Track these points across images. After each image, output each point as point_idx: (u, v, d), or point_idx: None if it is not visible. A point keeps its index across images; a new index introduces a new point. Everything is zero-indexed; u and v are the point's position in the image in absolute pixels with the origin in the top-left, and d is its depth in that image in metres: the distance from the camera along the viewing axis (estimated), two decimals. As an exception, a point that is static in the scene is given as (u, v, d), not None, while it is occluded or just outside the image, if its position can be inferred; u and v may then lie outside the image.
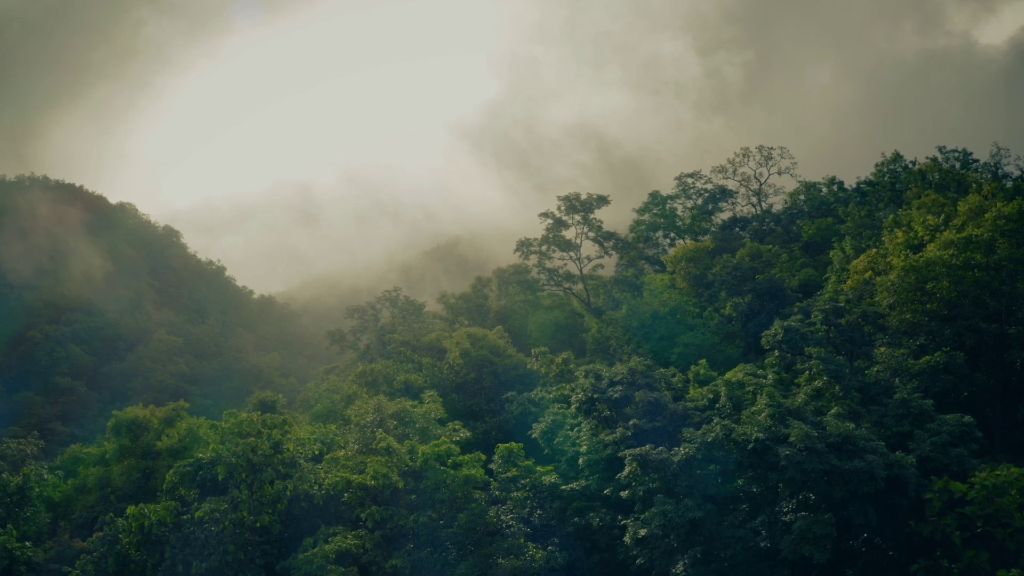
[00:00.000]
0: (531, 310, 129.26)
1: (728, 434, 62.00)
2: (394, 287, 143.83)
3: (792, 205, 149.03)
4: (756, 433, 61.44)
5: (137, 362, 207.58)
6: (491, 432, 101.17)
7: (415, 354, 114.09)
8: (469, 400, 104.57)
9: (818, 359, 72.07)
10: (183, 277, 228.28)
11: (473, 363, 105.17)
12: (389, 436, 75.64)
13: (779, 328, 73.79)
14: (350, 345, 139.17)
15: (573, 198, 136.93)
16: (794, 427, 60.85)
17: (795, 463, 59.51)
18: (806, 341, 74.19)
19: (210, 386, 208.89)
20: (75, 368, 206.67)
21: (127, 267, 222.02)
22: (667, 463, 62.64)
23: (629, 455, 63.65)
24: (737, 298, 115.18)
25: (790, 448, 59.98)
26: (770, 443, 61.25)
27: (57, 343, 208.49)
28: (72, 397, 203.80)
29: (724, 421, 63.67)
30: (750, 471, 62.89)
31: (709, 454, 62.72)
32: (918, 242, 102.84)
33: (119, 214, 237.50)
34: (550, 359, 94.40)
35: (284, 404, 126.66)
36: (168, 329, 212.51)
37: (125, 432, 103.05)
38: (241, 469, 75.60)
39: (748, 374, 72.90)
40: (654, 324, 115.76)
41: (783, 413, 63.53)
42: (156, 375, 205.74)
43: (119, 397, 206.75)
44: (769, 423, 62.70)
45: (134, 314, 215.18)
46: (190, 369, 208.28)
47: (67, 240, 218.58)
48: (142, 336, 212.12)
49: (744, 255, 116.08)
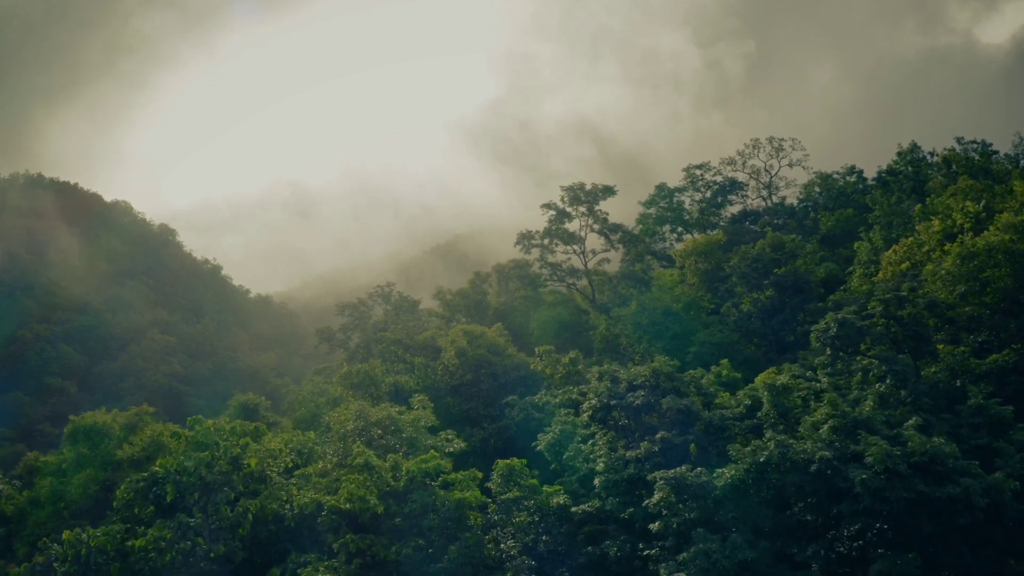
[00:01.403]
0: (533, 307, 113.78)
1: (785, 452, 46.67)
2: (387, 282, 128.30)
3: (807, 197, 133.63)
4: (820, 451, 46.17)
5: (129, 362, 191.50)
6: (490, 440, 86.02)
7: (407, 353, 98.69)
8: (466, 404, 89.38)
9: (878, 358, 56.91)
10: (178, 276, 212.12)
11: (470, 363, 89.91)
12: (368, 451, 60.20)
13: (832, 322, 58.32)
14: (340, 344, 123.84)
15: (577, 188, 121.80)
16: (871, 443, 45.57)
17: (873, 490, 44.30)
18: (862, 336, 58.85)
19: (204, 386, 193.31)
20: (66, 368, 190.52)
21: (121, 266, 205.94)
22: (708, 488, 47.26)
23: (661, 479, 48.01)
24: (757, 293, 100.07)
25: (866, 471, 44.73)
26: (838, 464, 46.05)
27: (48, 342, 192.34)
28: (62, 398, 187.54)
29: (779, 436, 48.19)
30: (811, 498, 47.51)
31: (761, 477, 47.28)
32: (957, 230, 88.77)
33: (114, 212, 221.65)
34: (556, 359, 79.10)
35: (268, 407, 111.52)
36: (161, 328, 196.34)
37: (83, 439, 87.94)
38: (193, 488, 60.25)
39: (795, 377, 57.37)
40: (666, 321, 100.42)
41: (850, 425, 48.24)
42: (149, 375, 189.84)
43: (111, 398, 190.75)
44: (833, 438, 47.46)
45: (127, 313, 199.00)
46: (183, 369, 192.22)
47: (60, 238, 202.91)
48: (135, 335, 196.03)
49: (765, 246, 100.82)
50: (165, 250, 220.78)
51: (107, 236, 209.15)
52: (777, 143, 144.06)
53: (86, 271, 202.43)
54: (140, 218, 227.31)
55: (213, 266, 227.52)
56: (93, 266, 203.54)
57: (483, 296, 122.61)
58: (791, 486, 46.91)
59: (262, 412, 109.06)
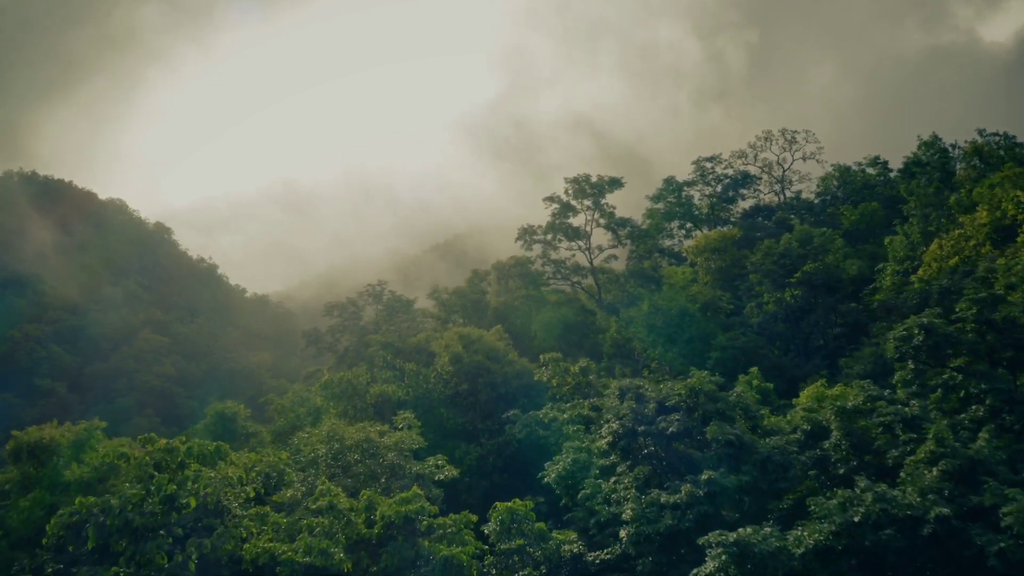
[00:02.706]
0: (535, 307, 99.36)
1: (886, 507, 32.48)
2: (379, 281, 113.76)
3: (825, 191, 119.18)
4: (936, 507, 32.05)
5: (121, 363, 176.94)
6: (488, 458, 71.88)
7: (397, 359, 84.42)
8: (461, 417, 75.17)
9: (974, 374, 42.77)
10: (173, 275, 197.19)
11: (466, 371, 75.67)
12: (335, 488, 45.83)
13: (917, 329, 43.98)
14: (328, 347, 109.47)
15: (582, 180, 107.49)
16: (1004, 496, 31.49)
17: (1014, 563, 30.22)
18: (950, 346, 44.66)
19: (197, 387, 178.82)
20: (57, 369, 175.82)
21: (115, 264, 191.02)
22: (783, 556, 32.99)
23: (719, 545, 33.52)
24: (781, 291, 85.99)
25: (1002, 536, 30.69)
26: (958, 524, 31.96)
27: (38, 343, 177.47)
28: (52, 400, 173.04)
29: (877, 485, 33.85)
30: (923, 569, 33.25)
31: (853, 542, 33.05)
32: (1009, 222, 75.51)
33: (108, 211, 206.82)
34: (564, 368, 64.72)
35: (248, 416, 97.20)
36: (155, 328, 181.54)
37: (27, 458, 73.71)
38: (117, 533, 45.91)
39: (869, 397, 43.13)
40: (682, 323, 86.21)
41: (966, 468, 34.10)
42: (140, 376, 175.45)
43: (102, 400, 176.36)
44: (947, 486, 33.37)
45: (120, 312, 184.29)
46: (176, 370, 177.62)
47: (52, 236, 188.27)
48: (128, 336, 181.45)
49: (792, 240, 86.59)
50: (160, 249, 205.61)
51: (101, 235, 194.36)
52: (790, 135, 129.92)
53: (78, 270, 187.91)
54: (135, 216, 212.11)
55: (209, 265, 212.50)
56: (86, 265, 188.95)
57: (482, 296, 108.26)
58: (893, 551, 32.77)
59: (241, 422, 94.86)
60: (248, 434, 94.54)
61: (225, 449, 63.15)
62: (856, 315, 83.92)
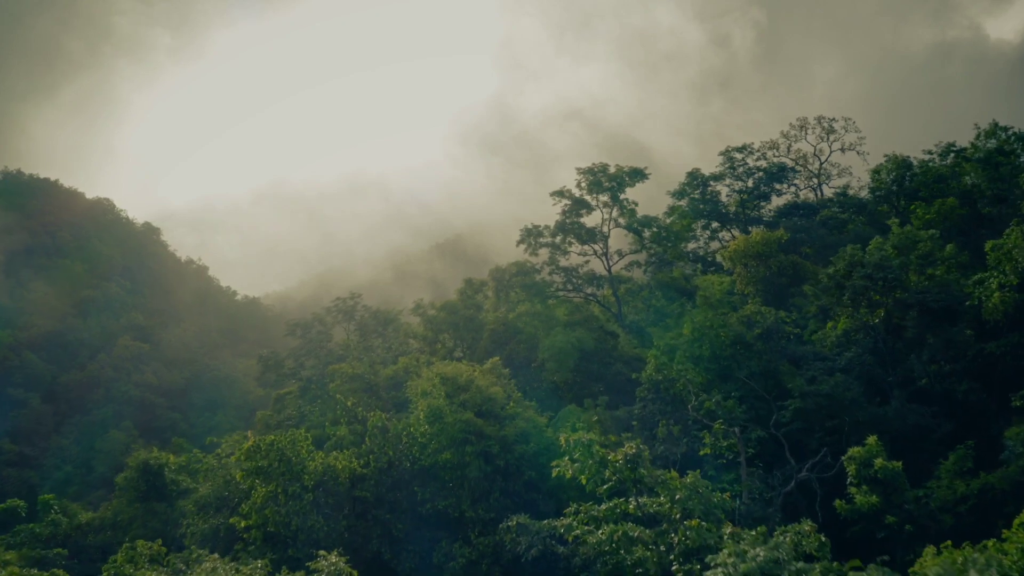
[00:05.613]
0: (542, 327, 70.35)
1: None
2: (350, 293, 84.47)
3: (878, 186, 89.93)
4: None
5: (98, 371, 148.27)
6: (481, 564, 43.70)
7: (360, 406, 55.73)
8: (442, 500, 46.66)
9: None
10: (159, 278, 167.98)
11: (449, 435, 47.07)
12: None
13: None
14: (291, 373, 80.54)
15: (599, 171, 78.15)
16: None
17: None
18: None
19: (179, 398, 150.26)
20: (29, 378, 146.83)
21: (98, 266, 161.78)
22: None
23: None
24: (870, 316, 57.34)
25: None
26: None
27: (10, 349, 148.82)
28: (24, 411, 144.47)
29: None
30: None
31: None
32: None
33: (95, 211, 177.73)
34: (601, 457, 35.60)
35: (176, 467, 68.46)
36: (135, 335, 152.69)
37: None
38: None
39: None
40: (737, 354, 57.32)
41: None
42: (119, 386, 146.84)
43: (77, 411, 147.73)
44: None
45: (100, 317, 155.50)
46: (157, 379, 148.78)
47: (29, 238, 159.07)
48: (107, 342, 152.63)
49: (888, 247, 57.69)
50: (146, 250, 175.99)
51: (84, 235, 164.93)
52: (827, 124, 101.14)
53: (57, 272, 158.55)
54: (122, 216, 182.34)
55: (199, 266, 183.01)
56: (65, 267, 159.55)
57: (476, 311, 79.27)
58: None
59: (168, 477, 66.30)
60: (178, 492, 66.05)
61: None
62: (969, 347, 55.26)
